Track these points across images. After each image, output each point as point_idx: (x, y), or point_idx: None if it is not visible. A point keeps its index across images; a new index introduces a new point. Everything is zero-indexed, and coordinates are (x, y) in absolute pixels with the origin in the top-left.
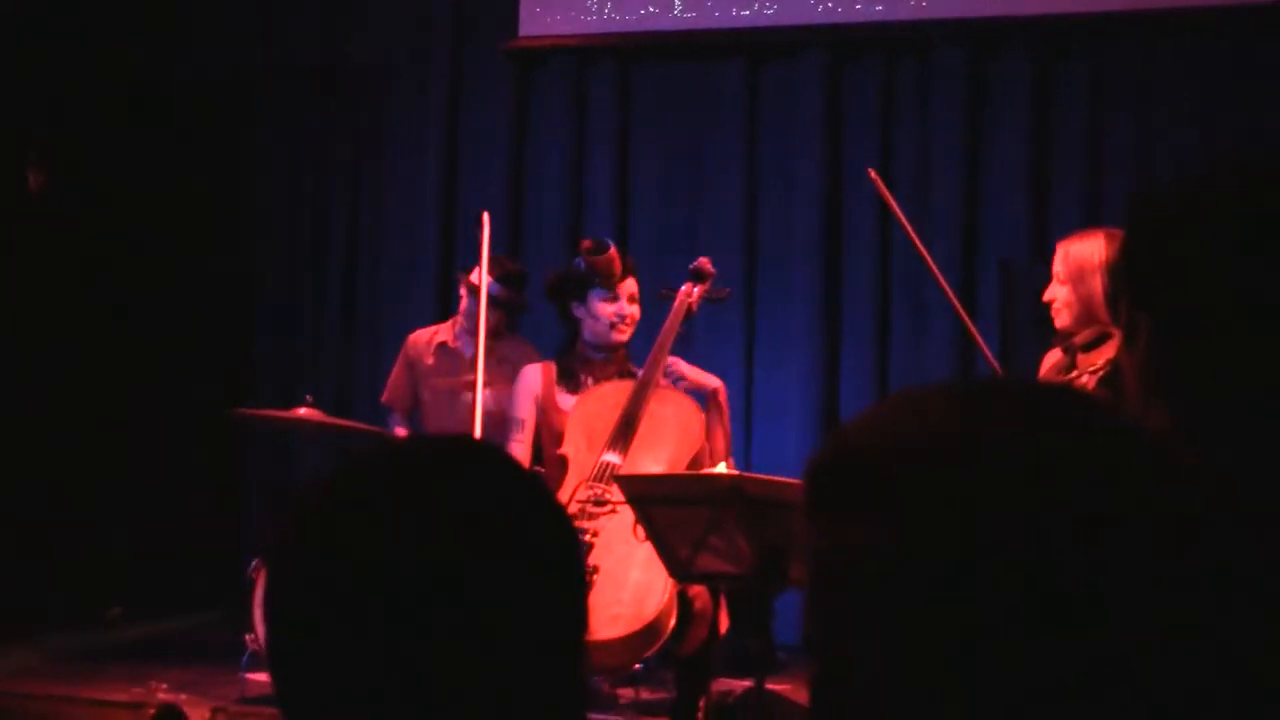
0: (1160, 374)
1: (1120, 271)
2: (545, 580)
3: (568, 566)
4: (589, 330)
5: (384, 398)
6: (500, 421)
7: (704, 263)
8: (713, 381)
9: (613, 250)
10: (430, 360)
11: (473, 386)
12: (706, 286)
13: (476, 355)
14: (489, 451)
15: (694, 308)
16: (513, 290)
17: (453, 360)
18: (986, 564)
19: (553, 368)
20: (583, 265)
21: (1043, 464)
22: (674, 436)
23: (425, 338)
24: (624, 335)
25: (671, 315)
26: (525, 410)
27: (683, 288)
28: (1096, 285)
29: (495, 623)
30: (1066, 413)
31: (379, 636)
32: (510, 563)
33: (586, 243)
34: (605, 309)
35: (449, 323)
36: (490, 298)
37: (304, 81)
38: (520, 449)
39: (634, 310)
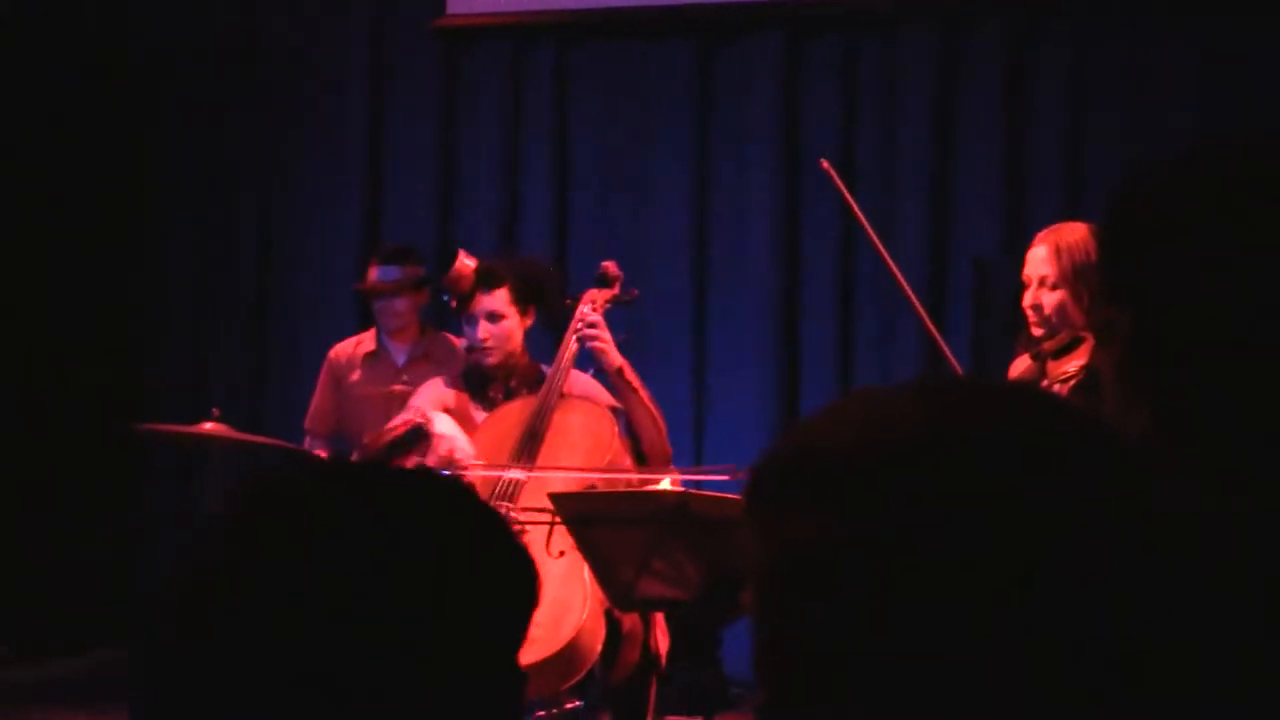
0: (1140, 374)
1: (1099, 267)
2: (504, 599)
3: (524, 584)
4: None
5: (307, 423)
6: None
7: (608, 266)
8: (616, 361)
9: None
10: (357, 375)
11: (406, 394)
12: (614, 291)
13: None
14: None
15: (599, 314)
16: (414, 264)
17: (383, 368)
18: (935, 564)
19: (462, 384)
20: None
21: (996, 464)
22: (583, 444)
23: (348, 350)
24: (491, 359)
25: (572, 325)
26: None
27: (586, 294)
28: (1093, 286)
29: (458, 643)
30: (1024, 412)
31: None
32: (478, 582)
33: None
34: (467, 333)
35: (371, 331)
36: (393, 282)
37: (208, 63)
38: None
39: (496, 328)
